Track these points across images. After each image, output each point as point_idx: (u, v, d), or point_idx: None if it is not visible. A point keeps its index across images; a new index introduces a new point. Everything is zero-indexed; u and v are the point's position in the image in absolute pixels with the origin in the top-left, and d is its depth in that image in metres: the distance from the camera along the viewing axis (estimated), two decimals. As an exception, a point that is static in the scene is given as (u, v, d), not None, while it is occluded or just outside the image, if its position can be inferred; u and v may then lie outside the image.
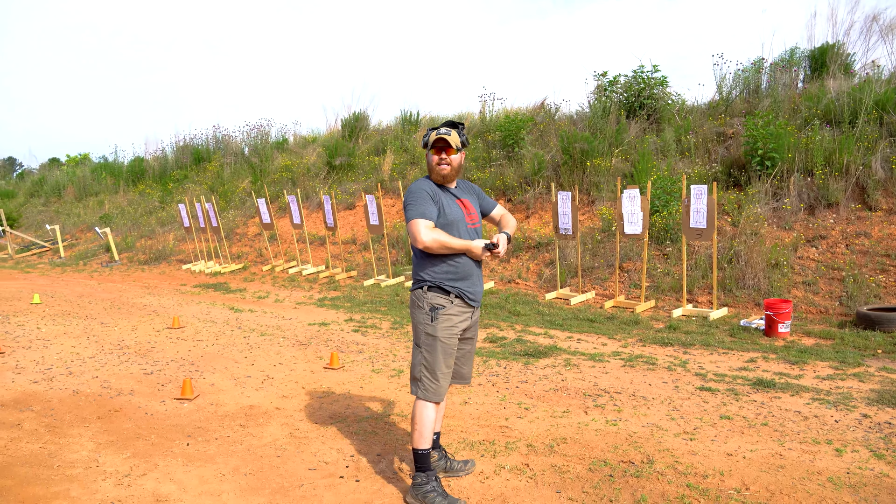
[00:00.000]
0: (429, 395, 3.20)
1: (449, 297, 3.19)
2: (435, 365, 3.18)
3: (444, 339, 3.18)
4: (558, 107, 13.93)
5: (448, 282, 3.19)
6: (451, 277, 3.19)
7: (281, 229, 13.31)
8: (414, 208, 3.13)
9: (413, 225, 3.10)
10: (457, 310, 3.21)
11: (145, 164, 20.76)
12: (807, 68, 11.37)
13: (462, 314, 3.23)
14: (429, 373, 3.19)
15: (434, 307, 3.17)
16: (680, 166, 10.11)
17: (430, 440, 3.20)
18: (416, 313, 3.24)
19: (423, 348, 3.21)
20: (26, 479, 3.55)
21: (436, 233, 3.10)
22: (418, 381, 3.22)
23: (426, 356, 3.20)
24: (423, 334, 3.20)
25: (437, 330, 3.17)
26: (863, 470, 3.45)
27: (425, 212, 3.11)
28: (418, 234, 3.07)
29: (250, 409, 4.70)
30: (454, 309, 3.20)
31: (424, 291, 3.20)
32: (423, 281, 3.22)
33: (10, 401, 4.89)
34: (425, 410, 3.21)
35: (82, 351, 6.43)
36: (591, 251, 9.35)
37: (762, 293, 7.51)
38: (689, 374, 5.31)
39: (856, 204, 8.26)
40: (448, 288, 3.18)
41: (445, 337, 3.18)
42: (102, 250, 15.75)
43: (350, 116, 16.60)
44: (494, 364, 5.73)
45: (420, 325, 3.22)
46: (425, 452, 3.19)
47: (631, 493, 3.25)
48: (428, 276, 3.20)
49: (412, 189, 3.21)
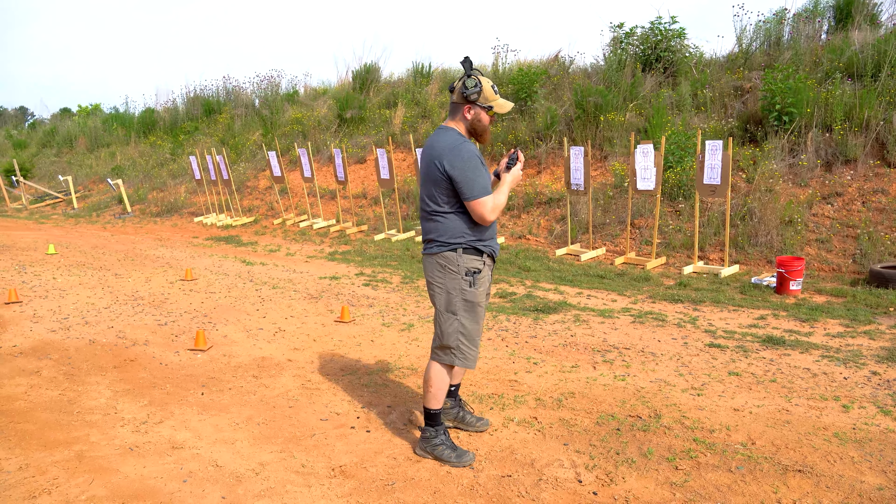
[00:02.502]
0: (468, 362, 3.12)
1: (482, 257, 3.07)
2: (475, 332, 3.11)
3: (483, 304, 3.11)
4: (573, 59, 13.66)
5: (482, 241, 3.06)
6: (481, 236, 3.06)
7: (292, 183, 13.28)
8: (477, 183, 2.94)
9: (481, 206, 2.94)
10: (487, 271, 3.12)
11: (156, 115, 20.66)
12: (831, 19, 11.02)
13: (489, 272, 3.15)
14: (468, 340, 3.09)
15: (470, 271, 3.03)
16: (695, 121, 9.93)
17: (442, 401, 3.21)
18: (447, 279, 3.05)
19: (461, 315, 3.06)
20: (47, 424, 3.65)
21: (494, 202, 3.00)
22: (452, 350, 3.09)
23: (465, 324, 3.07)
24: (461, 301, 3.05)
25: (476, 295, 3.05)
26: (869, 426, 3.48)
27: (487, 186, 2.99)
28: (486, 213, 2.95)
29: (262, 360, 4.78)
30: (486, 270, 3.10)
31: (459, 254, 3.02)
32: (456, 244, 3.02)
33: (28, 349, 5.00)
34: (443, 374, 3.15)
35: (97, 301, 6.53)
36: (602, 207, 9.29)
37: (775, 251, 7.46)
38: (699, 331, 5.33)
39: (874, 160, 8.11)
40: (482, 248, 3.05)
41: (483, 301, 3.12)
42: (115, 202, 15.83)
43: (361, 68, 16.36)
44: (504, 319, 5.77)
45: (454, 292, 3.04)
46: (438, 412, 3.21)
47: (638, 446, 3.30)
48: (463, 238, 3.02)
49: (464, 154, 2.95)
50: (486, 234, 3.09)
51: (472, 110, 3.04)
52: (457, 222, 3.02)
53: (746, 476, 2.98)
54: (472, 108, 3.03)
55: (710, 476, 2.99)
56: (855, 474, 2.98)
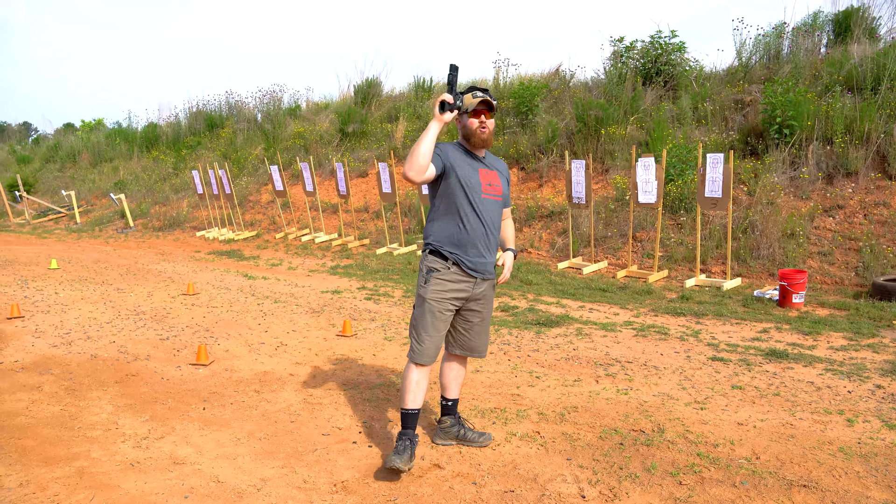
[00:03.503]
0: (414, 355, 3.22)
1: (447, 262, 3.18)
2: (421, 326, 3.21)
3: (432, 302, 3.18)
4: (573, 73, 13.73)
5: (448, 247, 3.18)
6: (452, 242, 3.18)
7: (294, 197, 13.32)
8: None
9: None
10: (453, 276, 3.19)
11: (159, 130, 20.76)
12: (830, 33, 11.09)
13: (459, 282, 3.20)
14: (416, 333, 3.22)
15: (430, 269, 3.19)
16: (696, 134, 9.96)
17: (412, 401, 3.22)
18: (418, 274, 3.30)
19: (416, 309, 3.25)
20: (48, 439, 3.64)
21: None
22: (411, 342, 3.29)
23: (416, 317, 3.24)
24: (417, 295, 3.25)
25: (427, 292, 3.18)
26: (874, 440, 3.45)
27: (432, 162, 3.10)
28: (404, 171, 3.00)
29: (264, 375, 4.77)
30: (449, 275, 3.18)
31: (426, 255, 3.24)
32: (427, 244, 3.25)
33: (30, 364, 4.99)
34: (409, 371, 3.24)
35: (99, 316, 6.53)
36: (604, 220, 9.30)
37: (777, 263, 7.45)
38: (702, 345, 5.31)
39: (875, 173, 8.12)
40: (446, 253, 3.17)
41: (434, 300, 3.18)
42: (117, 216, 15.87)
43: (363, 82, 16.45)
44: (506, 333, 5.75)
45: (417, 287, 3.27)
46: (406, 412, 3.24)
47: (641, 461, 3.28)
48: (431, 239, 3.22)
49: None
50: (459, 242, 3.17)
51: (459, 121, 3.24)
52: (432, 224, 3.25)
53: (751, 491, 2.96)
54: (459, 119, 3.23)
55: (714, 491, 2.97)
56: (860, 489, 2.96)
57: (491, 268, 3.30)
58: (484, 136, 3.18)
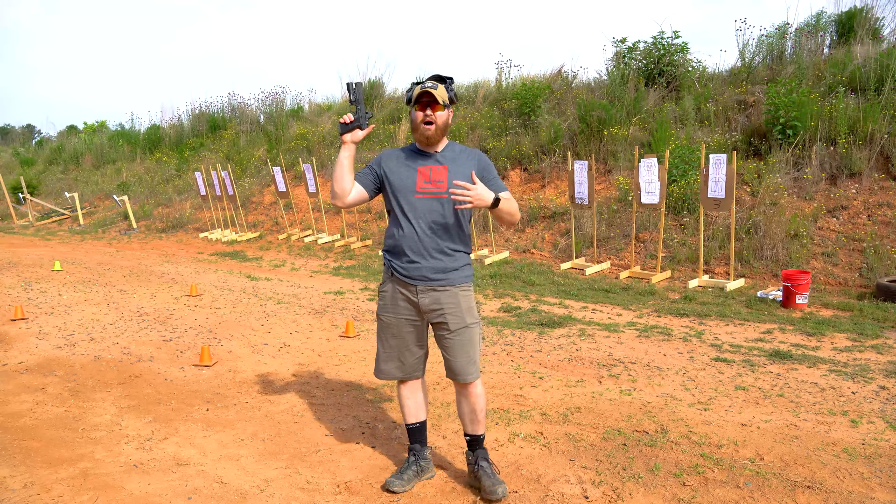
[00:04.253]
0: (375, 368, 3.12)
1: (389, 272, 3.00)
2: (378, 340, 3.08)
3: (379, 314, 3.05)
4: (576, 74, 13.70)
5: (387, 255, 3.00)
6: (388, 249, 2.99)
7: (296, 198, 13.33)
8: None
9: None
10: (392, 286, 2.98)
11: (161, 131, 20.79)
12: (833, 33, 11.06)
13: (398, 291, 2.96)
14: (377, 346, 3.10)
15: (381, 281, 3.06)
16: (699, 135, 9.95)
17: (408, 416, 3.12)
18: None
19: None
20: (52, 441, 3.65)
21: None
22: None
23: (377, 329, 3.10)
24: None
25: (378, 307, 3.06)
26: (878, 441, 3.45)
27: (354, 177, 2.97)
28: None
29: (267, 376, 4.77)
30: (389, 285, 2.99)
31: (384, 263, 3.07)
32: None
33: (34, 365, 5.00)
34: (397, 388, 3.16)
35: (103, 317, 6.54)
36: (607, 221, 9.29)
37: (780, 264, 7.44)
38: (705, 345, 5.30)
39: (879, 174, 8.10)
40: (385, 262, 3.02)
41: (380, 312, 3.04)
42: (120, 218, 15.90)
43: (365, 84, 16.47)
44: (509, 333, 5.75)
45: None
46: (407, 427, 3.16)
47: (644, 461, 3.27)
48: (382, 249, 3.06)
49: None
50: (393, 249, 2.96)
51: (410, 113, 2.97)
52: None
53: (755, 492, 2.96)
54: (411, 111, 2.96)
55: (718, 492, 2.96)
56: (865, 490, 2.95)
57: (433, 273, 2.89)
58: (429, 133, 2.84)
